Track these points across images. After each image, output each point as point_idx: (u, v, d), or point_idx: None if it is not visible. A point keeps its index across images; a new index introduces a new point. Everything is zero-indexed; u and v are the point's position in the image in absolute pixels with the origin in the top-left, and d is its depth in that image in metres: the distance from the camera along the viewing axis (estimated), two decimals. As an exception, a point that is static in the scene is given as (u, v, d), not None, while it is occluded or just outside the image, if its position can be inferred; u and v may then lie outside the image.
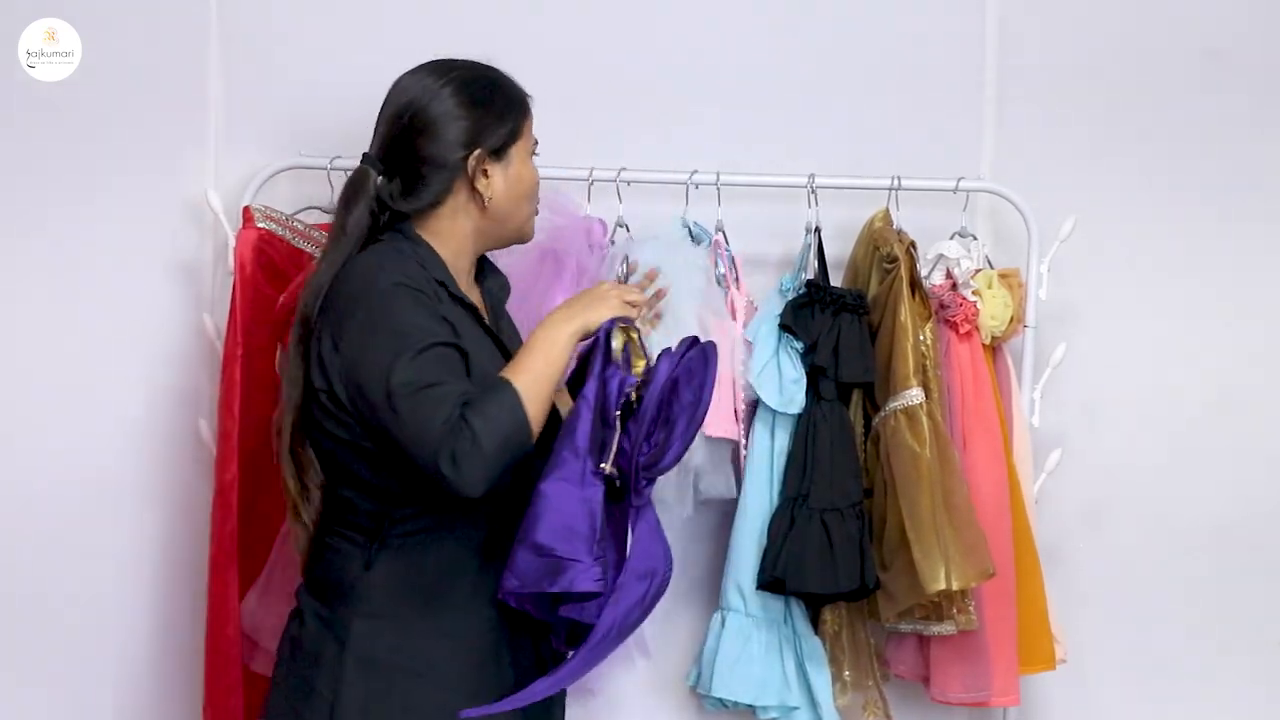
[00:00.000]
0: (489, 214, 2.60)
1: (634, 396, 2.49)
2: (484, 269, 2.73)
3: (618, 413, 2.48)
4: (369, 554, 2.49)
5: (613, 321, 2.54)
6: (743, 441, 3.14)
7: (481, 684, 2.51)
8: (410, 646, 2.48)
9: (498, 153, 2.58)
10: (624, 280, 3.07)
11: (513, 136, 2.60)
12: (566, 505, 2.42)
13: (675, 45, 3.39)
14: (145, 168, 3.28)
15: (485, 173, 2.57)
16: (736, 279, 3.19)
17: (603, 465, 2.44)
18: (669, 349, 2.52)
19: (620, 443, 2.46)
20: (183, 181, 3.29)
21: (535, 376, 2.42)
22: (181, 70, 3.30)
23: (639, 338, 2.57)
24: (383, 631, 2.48)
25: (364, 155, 2.62)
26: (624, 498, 2.50)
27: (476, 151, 2.55)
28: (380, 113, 2.61)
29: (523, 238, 2.70)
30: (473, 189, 2.57)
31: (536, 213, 2.70)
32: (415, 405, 2.34)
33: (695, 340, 2.54)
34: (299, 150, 3.20)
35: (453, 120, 2.55)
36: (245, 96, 3.32)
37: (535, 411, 2.39)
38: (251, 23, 3.32)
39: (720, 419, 3.07)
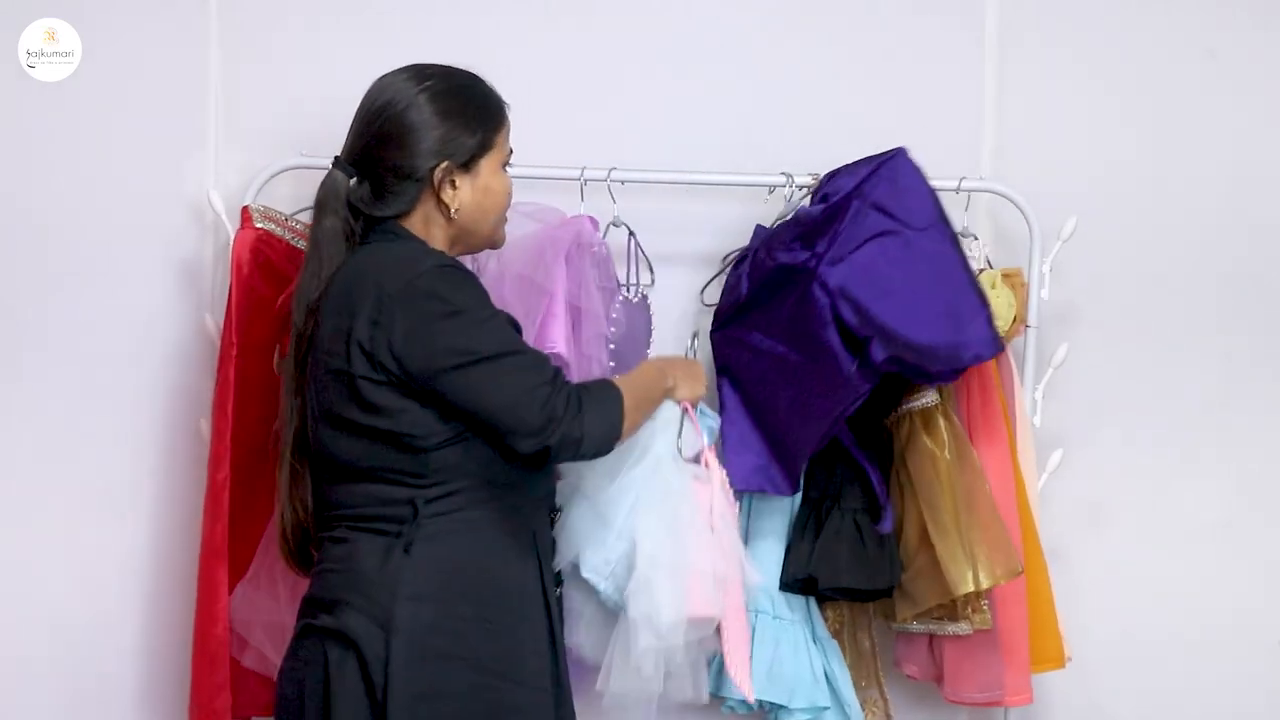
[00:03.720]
0: (456, 224, 2.63)
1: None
2: None
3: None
4: (408, 540, 2.49)
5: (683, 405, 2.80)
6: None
7: (519, 665, 2.53)
8: (453, 629, 2.49)
9: (466, 165, 2.61)
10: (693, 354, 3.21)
11: (482, 149, 2.62)
12: None
13: (675, 45, 3.39)
14: (145, 168, 3.27)
15: (453, 184, 2.60)
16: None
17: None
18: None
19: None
20: (183, 181, 3.28)
21: (640, 395, 2.65)
22: (181, 70, 3.29)
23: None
24: (427, 614, 2.48)
25: (335, 159, 2.65)
26: None
27: (444, 164, 2.58)
28: (356, 112, 2.66)
29: (493, 244, 2.74)
30: (439, 199, 2.60)
31: (506, 220, 2.73)
32: (510, 369, 2.46)
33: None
34: (300, 150, 3.19)
35: (422, 131, 2.58)
36: (245, 96, 3.31)
37: (630, 425, 2.59)
38: (251, 23, 3.31)
39: (699, 597, 2.75)
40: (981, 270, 3.20)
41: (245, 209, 3.07)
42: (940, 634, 3.12)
